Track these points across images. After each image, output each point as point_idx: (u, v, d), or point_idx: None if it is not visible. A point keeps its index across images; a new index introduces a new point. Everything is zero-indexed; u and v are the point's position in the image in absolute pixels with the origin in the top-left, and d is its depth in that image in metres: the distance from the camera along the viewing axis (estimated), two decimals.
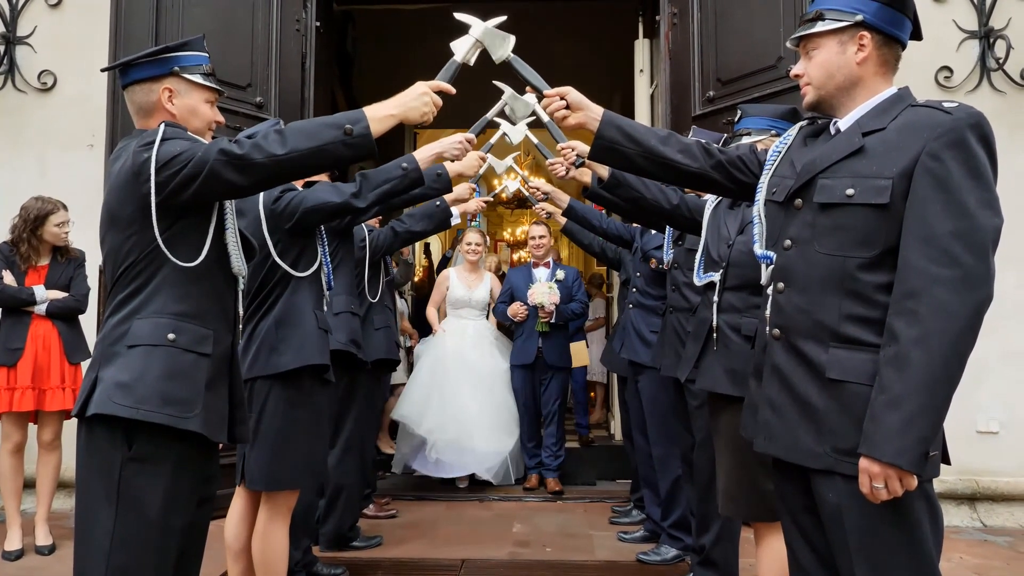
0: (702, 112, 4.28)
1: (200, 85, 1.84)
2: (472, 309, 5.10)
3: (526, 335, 4.88)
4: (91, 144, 4.32)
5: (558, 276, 4.91)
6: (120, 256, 1.72)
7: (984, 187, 1.41)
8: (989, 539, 3.89)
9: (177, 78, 1.82)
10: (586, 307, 5.13)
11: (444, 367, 4.84)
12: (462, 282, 5.11)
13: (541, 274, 4.95)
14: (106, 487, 1.64)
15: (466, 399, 4.76)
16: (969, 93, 4.21)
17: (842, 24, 1.57)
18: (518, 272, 5.17)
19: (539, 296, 4.66)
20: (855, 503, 1.43)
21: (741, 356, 2.25)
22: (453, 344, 4.94)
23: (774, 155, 1.73)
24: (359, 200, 2.44)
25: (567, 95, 1.89)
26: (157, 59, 1.81)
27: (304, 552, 3.02)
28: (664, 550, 3.46)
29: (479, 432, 4.71)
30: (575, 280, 5.02)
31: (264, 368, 2.39)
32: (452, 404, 4.72)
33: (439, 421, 4.68)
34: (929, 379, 1.35)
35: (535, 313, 4.77)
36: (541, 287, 4.71)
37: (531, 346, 4.83)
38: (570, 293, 4.92)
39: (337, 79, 6.83)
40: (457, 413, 4.71)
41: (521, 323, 4.87)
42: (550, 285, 4.73)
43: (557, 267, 5.03)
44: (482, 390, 4.84)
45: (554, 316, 4.76)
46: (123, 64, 1.85)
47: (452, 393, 4.75)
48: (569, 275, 5.00)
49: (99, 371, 1.68)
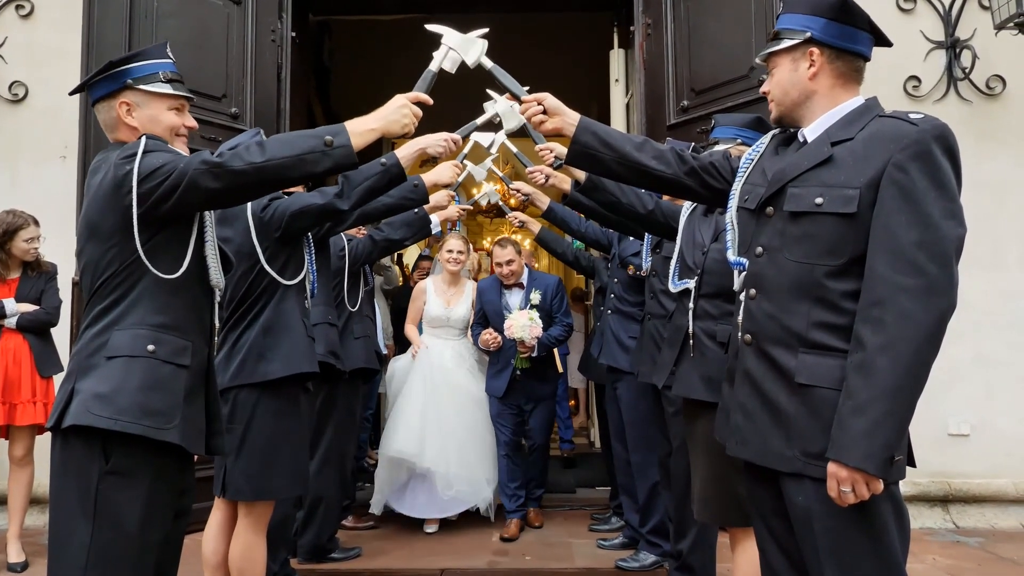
0: (677, 121, 4.33)
1: (159, 94, 1.83)
2: (451, 328, 4.41)
3: (500, 365, 4.17)
4: (63, 156, 4.27)
5: (533, 300, 4.17)
6: (100, 268, 1.71)
7: (948, 198, 1.45)
8: (961, 540, 3.95)
9: (132, 91, 1.81)
10: (570, 329, 4.29)
11: (435, 392, 4.21)
12: (439, 297, 4.42)
13: (514, 299, 4.24)
14: (82, 501, 1.62)
15: (457, 426, 4.21)
16: (937, 102, 4.30)
17: (794, 42, 1.63)
18: (489, 288, 4.35)
19: (518, 331, 3.96)
20: (824, 506, 1.46)
21: (717, 363, 2.27)
22: (437, 366, 4.28)
23: (746, 163, 1.76)
24: (342, 201, 2.45)
25: (544, 100, 1.93)
26: (109, 75, 1.81)
27: (281, 564, 2.99)
28: (643, 556, 3.47)
29: (478, 461, 4.22)
30: (555, 295, 4.28)
31: (251, 376, 2.37)
32: (448, 433, 4.14)
33: (440, 452, 4.08)
34: (894, 385, 1.39)
35: (513, 345, 4.08)
36: (520, 319, 3.98)
37: (504, 377, 4.14)
38: (550, 313, 4.21)
39: (314, 90, 6.82)
40: (455, 442, 4.15)
41: (497, 351, 4.17)
42: (531, 316, 4.00)
43: (533, 284, 4.26)
44: (466, 416, 4.24)
45: (536, 350, 4.06)
46: (83, 86, 1.86)
47: (446, 420, 4.17)
48: (548, 291, 4.24)
49: (76, 383, 1.66)
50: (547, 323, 4.11)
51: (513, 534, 3.99)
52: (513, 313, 4.08)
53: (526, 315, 4.00)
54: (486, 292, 4.33)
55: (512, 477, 4.17)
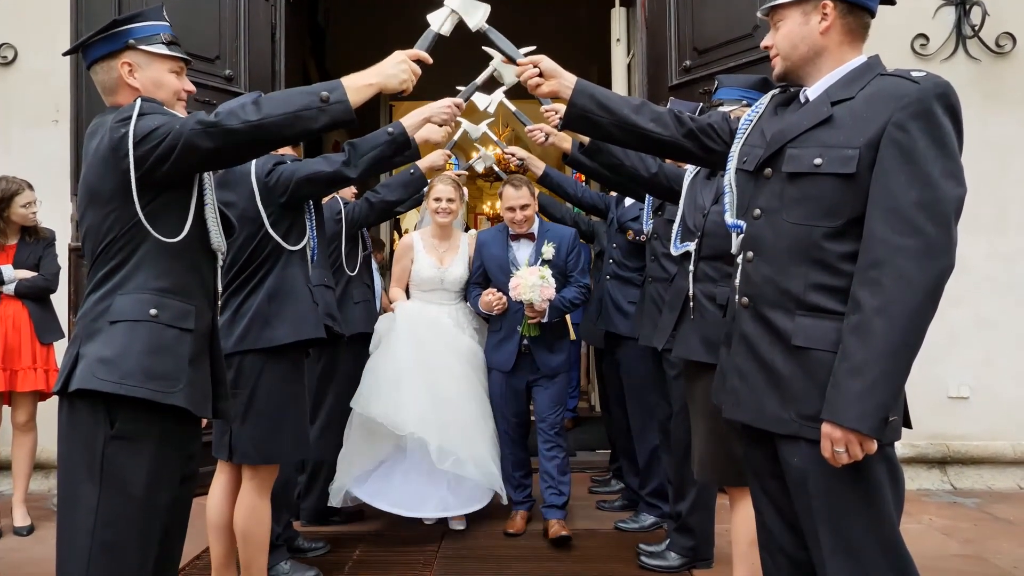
0: (679, 82, 4.26)
1: (161, 55, 1.80)
2: (446, 292, 3.65)
3: (504, 333, 3.49)
4: (56, 120, 4.22)
5: (545, 255, 3.45)
6: (100, 233, 1.70)
7: (948, 157, 1.42)
8: (958, 501, 3.99)
9: (134, 51, 1.78)
10: (587, 292, 3.58)
11: (422, 349, 3.44)
12: (430, 254, 3.66)
13: (523, 252, 3.52)
14: (89, 464, 1.63)
15: (456, 395, 3.43)
16: (944, 60, 4.22)
17: None
18: (492, 240, 3.63)
19: (526, 291, 3.26)
20: (819, 467, 1.47)
21: (716, 325, 2.27)
22: (431, 321, 3.57)
23: (745, 124, 1.73)
24: (350, 169, 2.44)
25: (540, 63, 1.89)
26: (110, 35, 1.77)
27: (285, 527, 3.03)
28: (642, 518, 3.52)
29: (481, 438, 3.43)
30: (571, 251, 3.55)
31: (256, 342, 2.38)
32: (444, 401, 3.37)
33: (433, 421, 3.27)
34: (890, 347, 1.38)
35: (520, 308, 3.40)
36: (528, 277, 3.27)
37: (510, 348, 3.46)
38: (564, 272, 3.50)
39: (309, 51, 6.72)
40: (453, 412, 3.37)
41: (500, 314, 3.48)
42: (542, 273, 3.29)
43: (546, 236, 3.52)
44: (465, 384, 3.50)
45: (547, 315, 3.37)
46: (80, 45, 1.82)
47: (441, 386, 3.39)
48: (563, 244, 3.51)
49: (80, 347, 1.67)
50: (561, 283, 3.40)
51: (519, 528, 3.48)
52: (521, 270, 3.37)
53: (536, 272, 3.30)
54: (488, 244, 3.62)
55: (518, 465, 3.58)
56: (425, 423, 3.25)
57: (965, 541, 3.35)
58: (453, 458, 3.25)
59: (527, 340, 3.44)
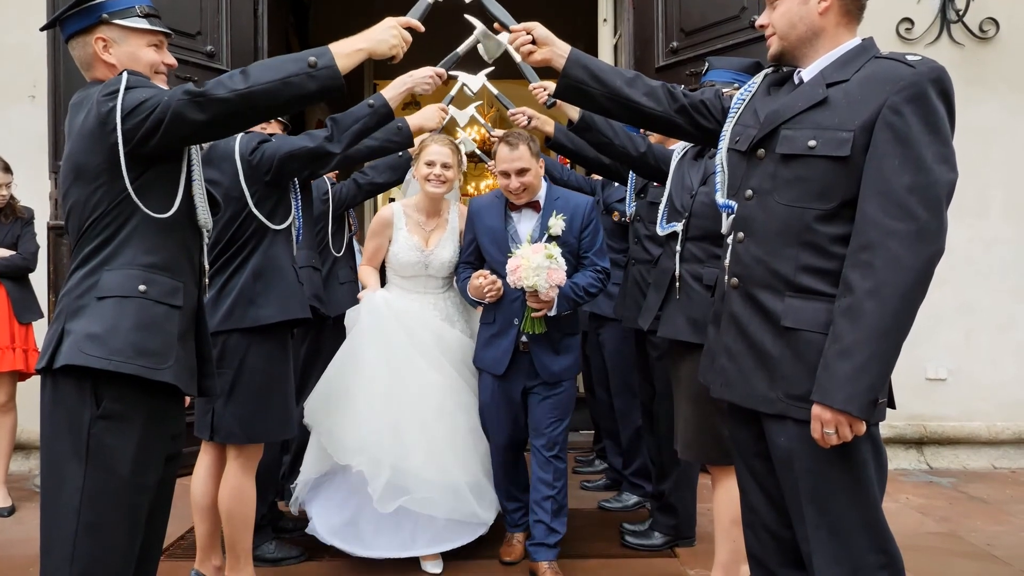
0: (665, 63, 4.25)
1: (138, 29, 1.76)
2: (432, 279, 3.01)
3: (498, 327, 2.79)
4: (33, 96, 4.14)
5: (553, 229, 2.72)
6: (87, 209, 1.67)
7: (942, 142, 1.43)
8: (934, 480, 4.07)
9: (109, 26, 1.73)
10: (605, 279, 2.82)
11: (390, 352, 2.82)
12: (413, 233, 2.99)
13: (525, 225, 2.82)
14: (74, 444, 1.60)
15: (431, 408, 2.80)
16: (929, 45, 4.24)
17: None
18: (487, 209, 2.90)
19: (529, 275, 2.53)
20: (805, 447, 1.48)
21: (702, 305, 2.29)
22: (396, 327, 2.87)
23: (738, 103, 1.72)
24: (333, 144, 2.40)
25: (533, 30, 1.88)
26: (83, 8, 1.73)
27: (269, 507, 3.02)
28: (625, 497, 3.55)
29: (460, 464, 2.80)
30: (586, 224, 2.80)
31: (242, 321, 2.36)
32: (415, 416, 2.76)
33: (397, 443, 2.70)
34: (880, 330, 1.39)
35: (519, 296, 2.71)
36: (532, 257, 2.55)
37: (504, 345, 2.77)
38: (577, 251, 2.79)
39: (292, 27, 6.62)
40: (427, 432, 2.76)
41: (494, 303, 2.79)
42: (549, 252, 2.55)
43: (554, 206, 2.79)
44: (451, 394, 2.88)
45: (556, 306, 2.67)
46: (54, 20, 1.78)
47: (410, 396, 2.77)
48: (575, 216, 2.77)
49: (66, 323, 1.64)
50: (572, 267, 2.73)
51: (517, 555, 2.88)
52: (522, 247, 2.65)
53: (542, 251, 2.56)
54: (482, 214, 2.90)
55: (512, 493, 2.93)
56: (374, 451, 2.66)
57: (941, 519, 3.42)
58: (405, 497, 2.65)
59: (527, 337, 2.75)
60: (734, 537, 2.31)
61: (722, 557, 2.38)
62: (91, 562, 1.59)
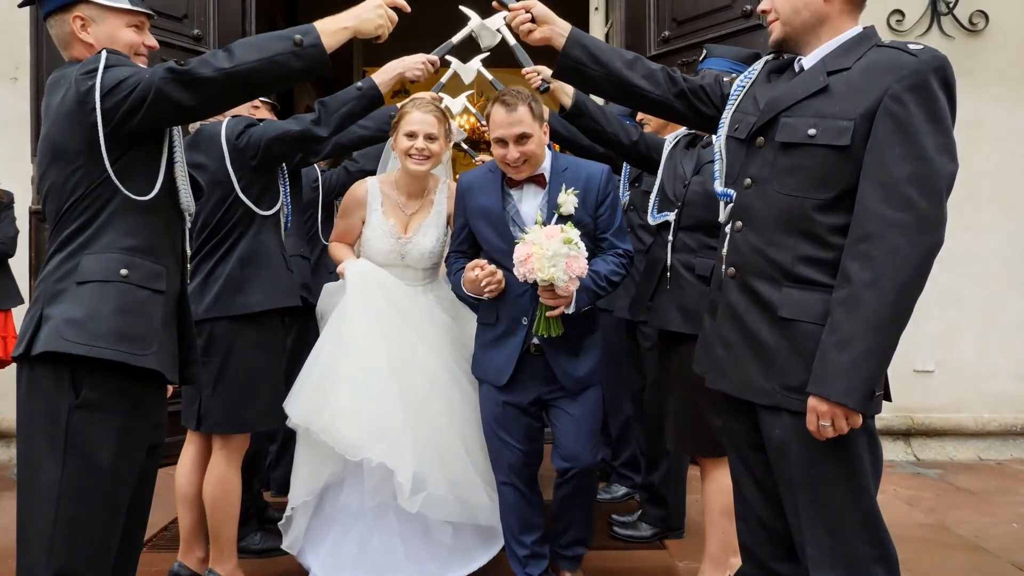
0: (658, 52, 4.21)
1: (117, 9, 1.71)
2: (410, 270, 2.57)
3: (503, 328, 2.33)
4: (15, 77, 4.06)
5: (563, 207, 2.26)
6: (66, 191, 1.62)
7: (943, 132, 1.42)
8: (921, 472, 4.09)
9: (87, 4, 1.68)
10: (628, 263, 2.38)
11: (386, 325, 2.42)
12: (389, 216, 2.56)
13: (529, 203, 2.34)
14: (51, 434, 1.56)
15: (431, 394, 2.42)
16: (919, 37, 4.23)
17: None
18: (480, 185, 2.40)
19: (544, 266, 2.08)
20: (800, 438, 1.47)
21: (694, 295, 2.27)
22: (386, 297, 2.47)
23: (737, 90, 1.70)
24: (320, 128, 2.36)
25: (532, 8, 1.86)
26: None
27: (255, 497, 2.99)
28: (614, 488, 3.54)
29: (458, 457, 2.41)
30: (603, 197, 2.33)
31: (229, 308, 2.32)
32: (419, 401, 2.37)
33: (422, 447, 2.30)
34: (878, 321, 1.38)
35: (527, 291, 2.27)
36: (547, 243, 2.08)
37: (509, 349, 2.31)
38: (593, 232, 2.32)
39: (280, 11, 6.54)
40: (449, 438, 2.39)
41: (493, 299, 2.32)
42: (567, 236, 2.09)
43: (562, 179, 2.30)
44: (446, 375, 2.48)
45: (574, 303, 2.21)
46: None
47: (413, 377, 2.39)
48: (589, 188, 2.30)
49: (44, 309, 1.58)
50: (589, 251, 2.18)
51: None
52: (532, 232, 2.15)
53: (558, 236, 2.09)
54: (474, 192, 2.39)
55: (526, 526, 2.37)
56: (392, 436, 2.26)
57: (928, 511, 3.44)
58: (425, 493, 2.26)
59: (539, 340, 2.28)
60: (724, 529, 2.31)
61: (712, 549, 2.38)
62: (70, 556, 1.55)
